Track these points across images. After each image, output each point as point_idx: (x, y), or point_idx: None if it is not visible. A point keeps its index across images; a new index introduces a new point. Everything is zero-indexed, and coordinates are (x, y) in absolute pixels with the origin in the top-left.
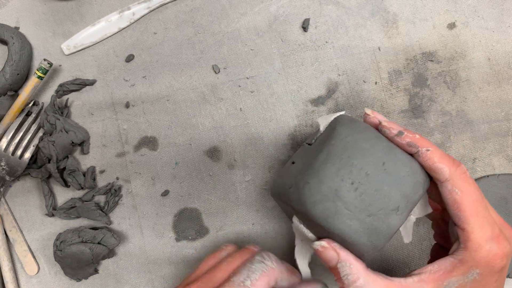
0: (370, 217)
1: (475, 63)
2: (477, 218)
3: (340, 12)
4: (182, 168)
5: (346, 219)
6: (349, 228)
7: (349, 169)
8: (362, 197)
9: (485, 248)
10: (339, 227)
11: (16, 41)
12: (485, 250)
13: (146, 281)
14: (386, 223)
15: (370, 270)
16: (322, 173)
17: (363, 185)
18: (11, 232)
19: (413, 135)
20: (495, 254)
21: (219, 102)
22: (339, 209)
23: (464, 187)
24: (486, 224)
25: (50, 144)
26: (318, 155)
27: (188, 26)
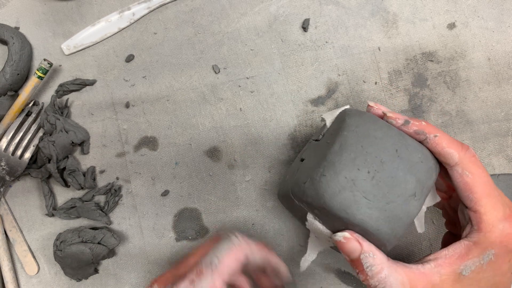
0: (389, 204)
1: (475, 63)
2: (489, 199)
3: (340, 12)
4: (182, 168)
5: (366, 208)
6: (370, 217)
7: (364, 158)
8: (380, 185)
9: (498, 227)
10: (360, 217)
11: (16, 41)
12: (498, 230)
13: (146, 281)
14: (405, 210)
15: (391, 260)
16: (338, 164)
17: (379, 173)
18: (11, 232)
19: (419, 122)
20: (509, 234)
21: (219, 102)
22: (358, 198)
23: (474, 170)
24: (498, 204)
25: (50, 144)
26: (331, 147)
27: (188, 26)
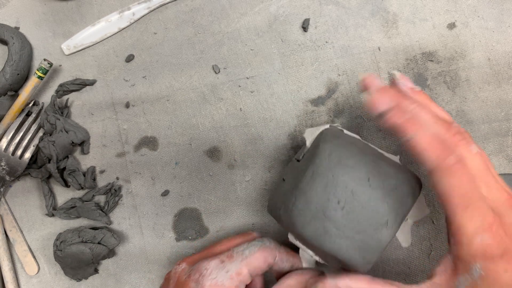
0: (360, 234)
1: (475, 63)
2: (466, 211)
3: (340, 12)
4: (182, 168)
5: (336, 238)
6: (340, 246)
7: (334, 188)
8: (350, 215)
9: (476, 240)
10: (330, 246)
11: (16, 41)
12: (477, 242)
13: (146, 281)
14: (376, 238)
15: (377, 281)
16: (309, 193)
17: (349, 203)
18: (11, 232)
19: (415, 96)
20: (489, 244)
21: (219, 102)
22: (328, 228)
23: (450, 180)
24: (476, 215)
25: (50, 144)
26: (304, 174)
27: (188, 26)
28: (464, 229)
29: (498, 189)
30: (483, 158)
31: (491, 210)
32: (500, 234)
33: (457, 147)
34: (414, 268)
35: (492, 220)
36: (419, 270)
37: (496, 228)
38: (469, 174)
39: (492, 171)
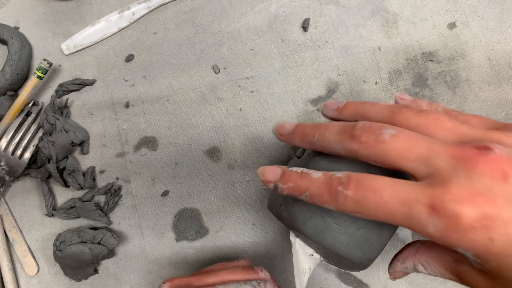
0: (360, 230)
1: (475, 63)
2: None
3: (340, 12)
4: (182, 168)
5: (337, 233)
6: (340, 242)
7: None
8: None
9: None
10: (331, 242)
11: (16, 41)
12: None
13: (146, 281)
14: (377, 234)
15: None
16: None
17: None
18: (10, 232)
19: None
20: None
21: (219, 102)
22: (328, 224)
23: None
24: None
25: (50, 144)
26: None
27: (188, 26)
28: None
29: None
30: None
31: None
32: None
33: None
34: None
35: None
36: None
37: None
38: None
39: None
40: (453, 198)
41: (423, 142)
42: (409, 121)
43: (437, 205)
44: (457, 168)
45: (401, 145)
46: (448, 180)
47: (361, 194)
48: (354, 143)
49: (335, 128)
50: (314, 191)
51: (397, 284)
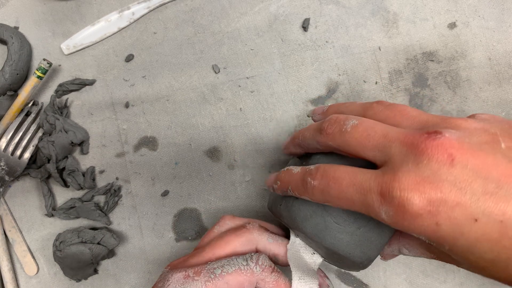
0: (360, 228)
1: (475, 63)
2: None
3: (341, 11)
4: (182, 168)
5: (337, 233)
6: (340, 241)
7: None
8: (350, 210)
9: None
10: (331, 241)
11: (16, 40)
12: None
13: (146, 281)
14: (377, 233)
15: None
16: None
17: None
18: (10, 232)
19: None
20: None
21: (219, 102)
22: (329, 223)
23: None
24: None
25: (49, 144)
26: None
27: (188, 26)
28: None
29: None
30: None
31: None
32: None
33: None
34: (415, 268)
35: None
36: (420, 270)
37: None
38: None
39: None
40: (400, 185)
41: (380, 130)
42: (378, 115)
43: (385, 193)
44: (407, 154)
45: (360, 134)
46: (398, 167)
47: (325, 184)
48: (323, 136)
49: (312, 126)
50: (293, 184)
51: (397, 284)
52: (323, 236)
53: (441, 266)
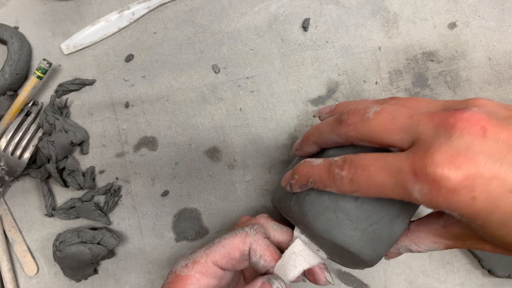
0: (372, 226)
1: (475, 63)
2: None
3: (341, 11)
4: (182, 168)
5: (348, 229)
6: (352, 238)
7: None
8: (363, 206)
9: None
10: (342, 238)
11: (16, 40)
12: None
13: (146, 281)
14: (389, 231)
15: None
16: None
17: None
18: (10, 232)
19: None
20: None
21: (219, 102)
22: (341, 220)
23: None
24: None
25: (49, 144)
26: None
27: (188, 26)
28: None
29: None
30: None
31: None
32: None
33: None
34: (415, 268)
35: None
36: (420, 270)
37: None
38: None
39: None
40: (433, 161)
41: (405, 113)
42: (396, 105)
43: (418, 171)
44: (437, 131)
45: (384, 119)
46: (429, 144)
47: (353, 172)
48: (343, 127)
49: (328, 121)
50: (316, 176)
51: (397, 284)
52: (335, 233)
53: (441, 266)
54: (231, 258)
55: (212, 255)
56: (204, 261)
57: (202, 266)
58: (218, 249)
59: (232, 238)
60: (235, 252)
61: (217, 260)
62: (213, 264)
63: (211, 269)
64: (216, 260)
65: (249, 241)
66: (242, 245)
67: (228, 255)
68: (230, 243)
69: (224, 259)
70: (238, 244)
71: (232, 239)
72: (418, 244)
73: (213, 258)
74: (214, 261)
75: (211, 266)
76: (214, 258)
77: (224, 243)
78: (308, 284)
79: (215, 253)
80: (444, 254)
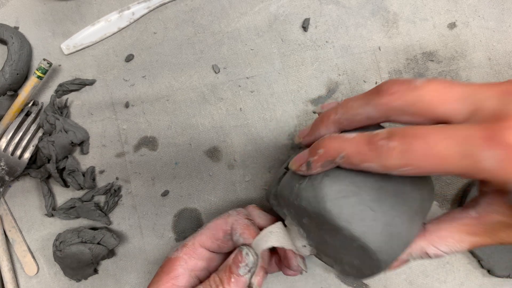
0: (394, 219)
1: (475, 63)
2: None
3: (341, 11)
4: (182, 168)
5: (370, 220)
6: (373, 231)
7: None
8: (386, 196)
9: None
10: (363, 229)
11: (16, 40)
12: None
13: (146, 281)
14: (409, 228)
15: None
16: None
17: (386, 183)
18: (10, 232)
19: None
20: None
21: (219, 102)
22: (363, 207)
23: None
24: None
25: (49, 144)
26: None
27: (188, 26)
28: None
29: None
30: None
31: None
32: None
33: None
34: (414, 268)
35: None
36: (420, 270)
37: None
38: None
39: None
40: (510, 126)
41: (458, 83)
42: None
43: (492, 136)
44: (503, 99)
45: (436, 87)
46: (499, 111)
47: (407, 143)
48: (384, 97)
49: (358, 96)
50: (352, 149)
51: (397, 284)
52: (355, 222)
53: (441, 266)
54: (215, 238)
55: (198, 237)
56: (191, 244)
57: (189, 248)
58: (204, 231)
59: (216, 220)
60: (219, 233)
61: (203, 242)
62: (199, 246)
63: (198, 250)
64: (202, 242)
65: (230, 221)
66: (224, 225)
67: (213, 235)
68: (214, 225)
69: (209, 240)
70: (221, 225)
71: (216, 221)
72: (438, 245)
73: (200, 241)
74: (200, 243)
75: (197, 248)
76: (201, 240)
77: (209, 226)
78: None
79: (201, 235)
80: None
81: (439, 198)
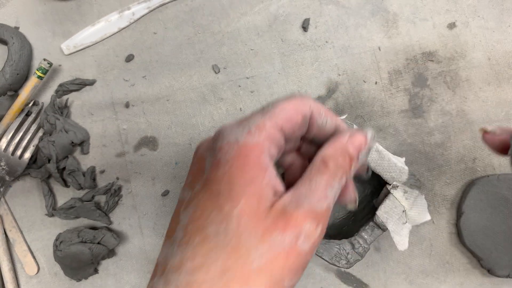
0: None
1: (475, 63)
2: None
3: (340, 12)
4: (182, 168)
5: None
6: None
7: None
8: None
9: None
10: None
11: (16, 41)
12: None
13: (146, 281)
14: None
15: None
16: None
17: None
18: (11, 232)
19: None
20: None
21: (219, 102)
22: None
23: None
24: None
25: (50, 144)
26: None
27: (188, 26)
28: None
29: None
30: None
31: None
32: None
33: None
34: (414, 268)
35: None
36: (419, 270)
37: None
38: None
39: None
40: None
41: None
42: None
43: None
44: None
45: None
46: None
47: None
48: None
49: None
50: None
51: (397, 284)
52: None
53: (441, 266)
54: (293, 122)
55: (275, 119)
56: (269, 126)
57: (269, 132)
58: (279, 112)
59: (289, 102)
60: (298, 116)
61: (282, 125)
62: (279, 129)
63: (277, 135)
64: (280, 124)
65: (309, 103)
66: (303, 107)
67: (291, 119)
68: (290, 106)
69: (288, 123)
70: (300, 106)
71: (291, 101)
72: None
73: (278, 122)
74: (279, 125)
75: (277, 132)
76: (278, 122)
77: (283, 107)
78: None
79: (277, 116)
80: (444, 254)
81: (439, 198)
